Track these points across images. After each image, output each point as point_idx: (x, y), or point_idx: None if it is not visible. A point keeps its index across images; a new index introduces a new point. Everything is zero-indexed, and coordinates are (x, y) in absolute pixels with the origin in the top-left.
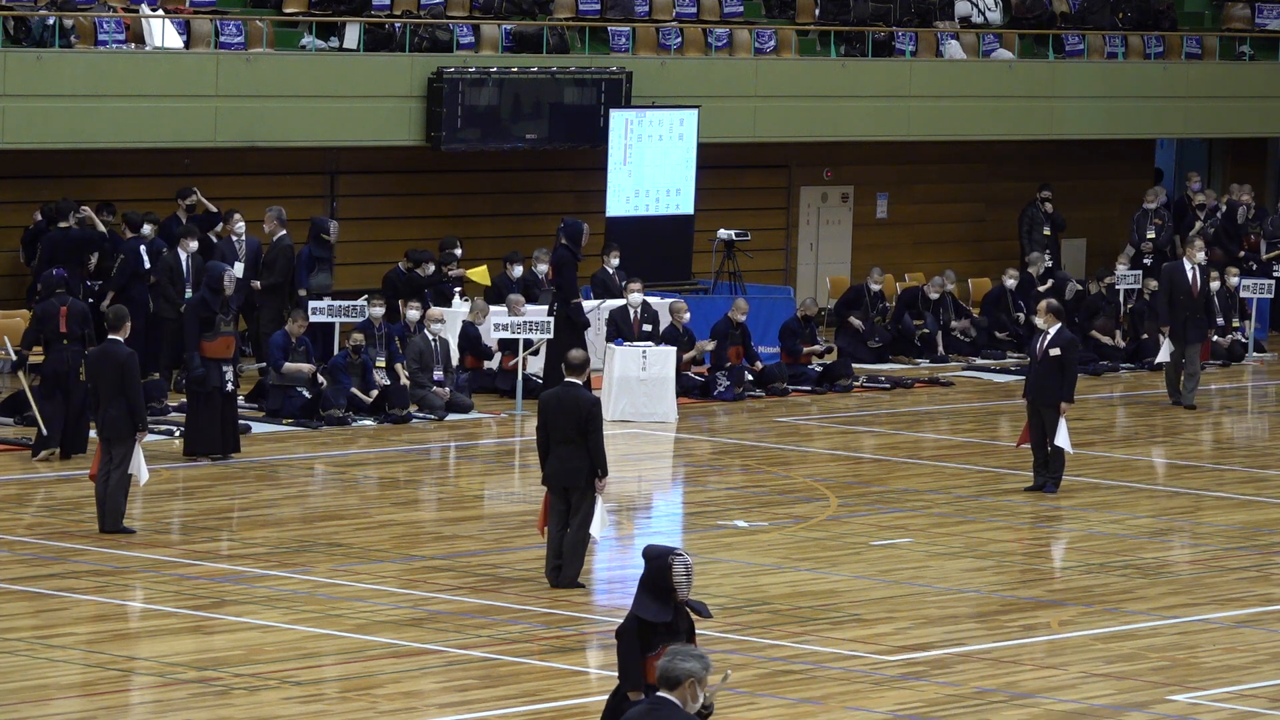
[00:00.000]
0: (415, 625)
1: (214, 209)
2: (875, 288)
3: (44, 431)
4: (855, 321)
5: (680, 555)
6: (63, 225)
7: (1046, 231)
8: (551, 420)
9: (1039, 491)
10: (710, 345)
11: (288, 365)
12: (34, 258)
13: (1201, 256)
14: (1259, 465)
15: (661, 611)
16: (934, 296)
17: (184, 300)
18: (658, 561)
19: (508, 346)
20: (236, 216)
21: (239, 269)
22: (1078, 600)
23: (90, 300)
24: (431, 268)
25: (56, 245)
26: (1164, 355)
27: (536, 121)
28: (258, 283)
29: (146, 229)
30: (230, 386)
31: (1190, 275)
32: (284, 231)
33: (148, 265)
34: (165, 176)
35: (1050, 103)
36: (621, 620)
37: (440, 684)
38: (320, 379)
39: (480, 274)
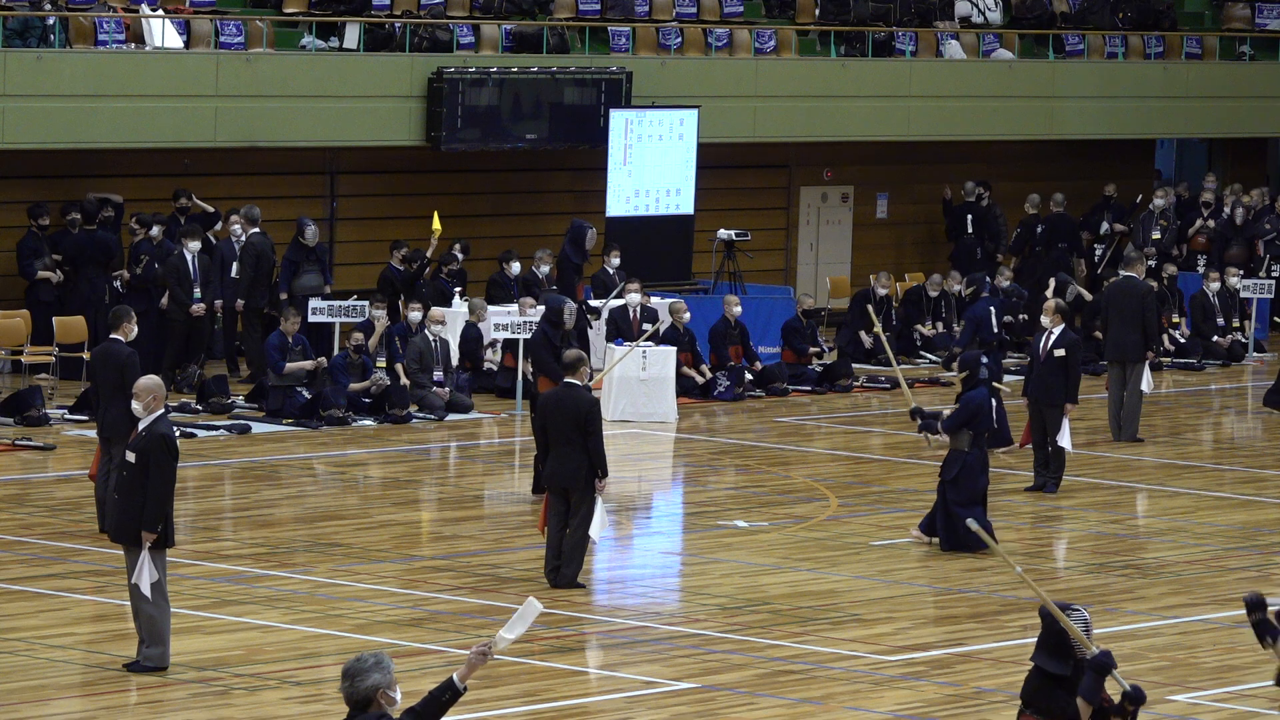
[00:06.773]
0: (415, 625)
1: (210, 209)
2: (882, 292)
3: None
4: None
5: (1077, 611)
6: (88, 227)
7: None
8: (551, 421)
9: (1039, 491)
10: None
11: (289, 366)
12: (30, 266)
13: (1216, 285)
14: (1259, 465)
15: (1061, 665)
16: (933, 294)
17: (191, 301)
18: (1055, 622)
19: (509, 347)
20: (235, 217)
21: (235, 269)
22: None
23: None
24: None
25: (81, 248)
26: (1146, 385)
27: (536, 121)
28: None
29: (155, 230)
30: None
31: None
32: (255, 229)
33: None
34: (165, 176)
35: (1050, 103)
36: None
37: None
38: (322, 361)
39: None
